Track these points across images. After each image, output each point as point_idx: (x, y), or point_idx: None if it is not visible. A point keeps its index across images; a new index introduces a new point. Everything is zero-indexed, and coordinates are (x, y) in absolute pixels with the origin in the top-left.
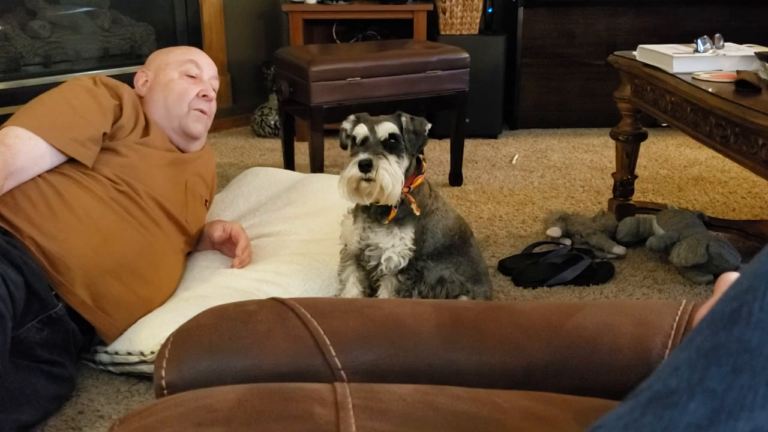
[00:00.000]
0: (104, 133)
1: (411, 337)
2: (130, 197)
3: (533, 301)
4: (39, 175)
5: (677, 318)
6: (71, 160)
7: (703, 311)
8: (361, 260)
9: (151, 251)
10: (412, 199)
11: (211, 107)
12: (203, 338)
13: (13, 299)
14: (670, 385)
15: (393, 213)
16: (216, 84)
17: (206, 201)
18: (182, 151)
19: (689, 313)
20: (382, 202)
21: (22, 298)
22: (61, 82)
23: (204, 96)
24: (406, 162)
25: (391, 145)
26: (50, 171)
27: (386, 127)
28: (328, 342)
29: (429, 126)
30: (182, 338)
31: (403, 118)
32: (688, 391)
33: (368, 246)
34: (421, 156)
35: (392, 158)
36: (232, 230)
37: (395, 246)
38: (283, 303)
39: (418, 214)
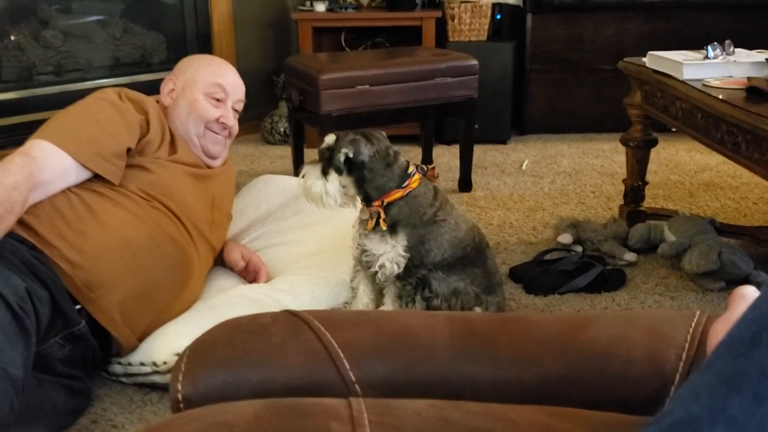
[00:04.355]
0: (129, 149)
1: (424, 349)
2: (164, 213)
3: (547, 313)
4: (69, 190)
5: (691, 330)
6: (99, 176)
7: (719, 326)
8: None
9: (180, 269)
10: (383, 214)
11: (232, 130)
12: (218, 352)
13: (37, 315)
14: (691, 412)
15: (370, 224)
16: (240, 106)
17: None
18: (207, 166)
19: (703, 324)
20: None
21: (47, 314)
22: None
23: (222, 123)
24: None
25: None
26: (81, 186)
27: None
28: (342, 355)
29: (345, 151)
30: (198, 352)
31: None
32: (710, 419)
33: (365, 252)
34: (419, 167)
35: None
36: (251, 261)
37: (387, 253)
38: (297, 315)
39: (384, 228)
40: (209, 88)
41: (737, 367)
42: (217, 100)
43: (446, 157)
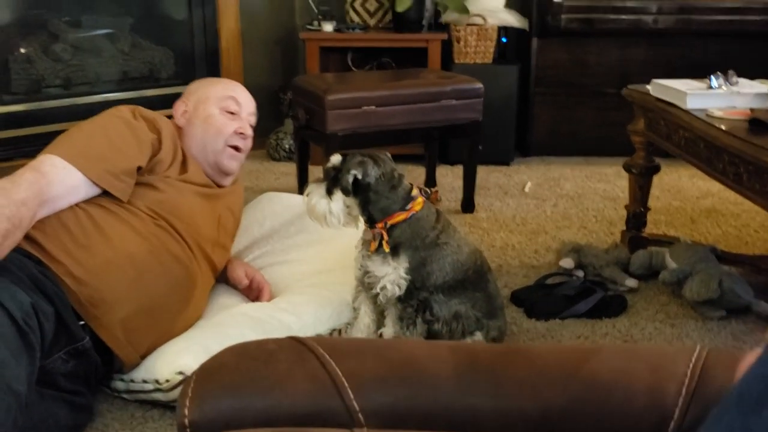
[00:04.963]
0: (139, 167)
1: (428, 379)
2: (168, 232)
3: (549, 344)
4: (77, 205)
5: (691, 365)
6: (107, 192)
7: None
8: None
9: (183, 287)
10: (386, 235)
11: (247, 144)
12: (225, 378)
13: (42, 330)
14: None
15: (373, 245)
16: (253, 120)
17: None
18: (216, 185)
19: (703, 359)
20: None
21: (52, 330)
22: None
23: (241, 133)
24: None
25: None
26: (88, 202)
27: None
28: (346, 384)
29: (354, 173)
30: (205, 377)
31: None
32: None
33: (367, 273)
34: (423, 190)
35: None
36: (254, 279)
37: (389, 275)
38: (303, 343)
39: (387, 250)
40: (222, 101)
41: (745, 424)
42: (232, 113)
43: (449, 177)
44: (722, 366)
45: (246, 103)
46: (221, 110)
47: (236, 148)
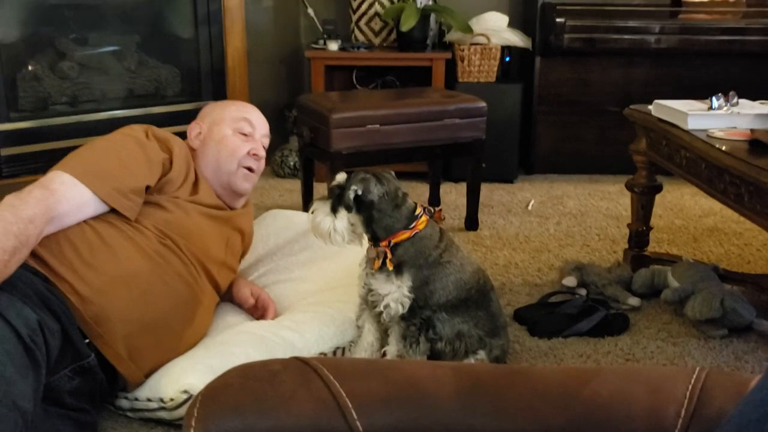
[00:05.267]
0: (148, 187)
1: (431, 400)
2: (173, 252)
3: (551, 365)
4: (85, 221)
5: (690, 386)
6: (116, 210)
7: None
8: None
9: (187, 307)
10: (389, 254)
11: (260, 165)
12: (230, 398)
13: (48, 347)
14: None
15: (377, 263)
16: (266, 142)
17: (240, 257)
18: (228, 206)
19: (703, 381)
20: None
21: (58, 347)
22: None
23: (254, 155)
24: (347, 219)
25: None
26: (96, 218)
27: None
28: (350, 404)
29: (354, 189)
30: (210, 397)
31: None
32: None
33: (370, 291)
34: (426, 209)
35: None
36: (260, 297)
37: (392, 293)
38: (307, 363)
39: (390, 268)
40: (236, 123)
41: None
42: (245, 135)
43: (453, 194)
44: (722, 388)
45: (259, 125)
46: (235, 132)
47: (250, 169)
